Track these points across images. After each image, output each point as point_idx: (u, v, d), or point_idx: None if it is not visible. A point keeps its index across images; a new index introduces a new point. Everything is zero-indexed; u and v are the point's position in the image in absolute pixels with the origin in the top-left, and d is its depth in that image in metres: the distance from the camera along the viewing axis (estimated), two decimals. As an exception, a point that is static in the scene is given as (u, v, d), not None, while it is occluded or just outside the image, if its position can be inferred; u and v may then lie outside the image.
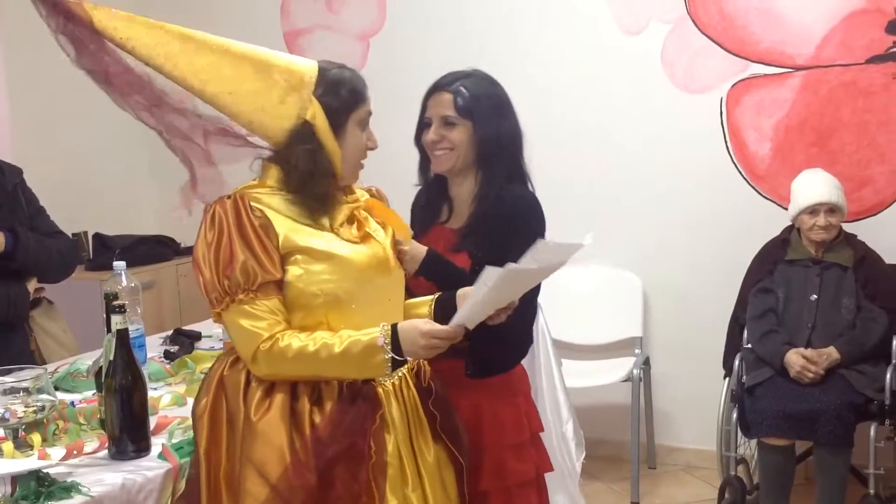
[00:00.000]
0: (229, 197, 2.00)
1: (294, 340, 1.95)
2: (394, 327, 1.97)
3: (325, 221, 2.04)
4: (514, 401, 2.45)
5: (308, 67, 2.04)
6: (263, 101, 2.01)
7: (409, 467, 2.07)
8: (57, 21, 1.96)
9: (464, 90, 2.39)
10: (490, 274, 1.92)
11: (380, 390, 2.06)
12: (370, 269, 2.06)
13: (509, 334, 2.24)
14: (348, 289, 2.01)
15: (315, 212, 2.03)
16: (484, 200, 2.40)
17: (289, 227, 1.99)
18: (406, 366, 2.14)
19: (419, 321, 2.00)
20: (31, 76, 4.66)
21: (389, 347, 1.95)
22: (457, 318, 1.98)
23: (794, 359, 3.56)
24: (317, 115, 2.01)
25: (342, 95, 2.04)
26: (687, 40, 4.19)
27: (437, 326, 1.97)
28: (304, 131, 2.01)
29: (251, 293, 1.94)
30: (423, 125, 2.46)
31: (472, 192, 2.45)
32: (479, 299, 1.96)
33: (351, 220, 2.09)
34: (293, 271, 1.98)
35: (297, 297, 1.99)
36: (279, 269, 1.97)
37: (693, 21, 4.17)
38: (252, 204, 1.98)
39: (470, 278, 2.11)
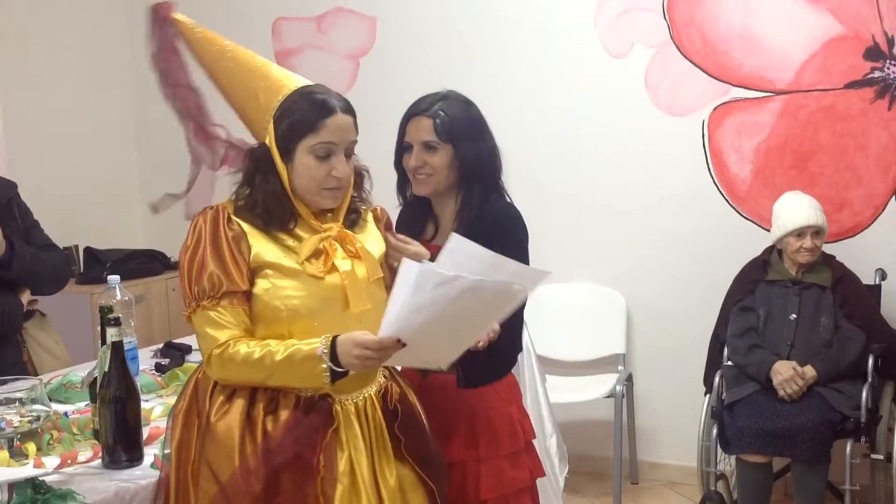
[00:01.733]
0: (212, 208, 2.10)
1: (242, 347, 2.01)
2: (334, 338, 1.97)
3: (291, 242, 2.09)
4: (507, 410, 2.51)
5: (284, 90, 2.11)
6: (257, 120, 2.13)
7: (367, 488, 2.05)
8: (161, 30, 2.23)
9: (443, 114, 2.45)
10: (408, 270, 1.83)
11: (338, 408, 2.08)
12: (333, 296, 2.08)
13: (496, 346, 2.30)
14: (311, 307, 2.06)
15: (272, 228, 2.08)
16: (467, 217, 2.47)
17: (263, 243, 2.07)
18: (373, 388, 2.17)
19: (358, 332, 1.96)
20: (25, 96, 4.72)
21: (328, 357, 1.96)
22: (384, 329, 1.91)
23: (785, 368, 3.62)
24: (270, 137, 2.08)
25: (291, 122, 2.07)
26: (670, 64, 4.28)
27: (369, 337, 1.93)
28: (261, 152, 2.10)
29: (214, 300, 2.02)
30: (402, 149, 2.52)
31: (455, 210, 2.52)
32: (404, 305, 1.86)
33: (318, 252, 2.09)
34: (262, 284, 2.05)
35: (262, 309, 2.06)
36: (246, 281, 2.04)
37: (676, 46, 4.26)
38: (232, 217, 2.07)
39: None
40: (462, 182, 2.49)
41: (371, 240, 2.23)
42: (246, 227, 2.08)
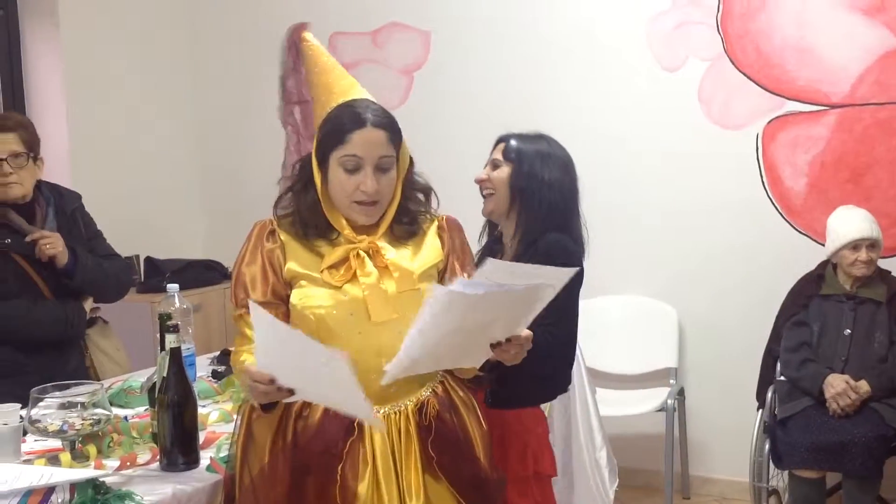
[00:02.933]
0: (263, 221, 2.18)
1: (245, 355, 2.06)
2: None
3: (325, 249, 2.12)
4: (522, 437, 2.53)
5: (333, 103, 2.15)
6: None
7: (390, 500, 2.03)
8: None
9: (513, 140, 2.63)
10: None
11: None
12: (357, 307, 2.07)
13: (537, 373, 2.29)
14: (337, 316, 2.06)
15: (311, 237, 2.13)
16: (521, 244, 2.56)
17: (300, 253, 2.12)
18: (412, 401, 2.11)
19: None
20: (91, 111, 4.86)
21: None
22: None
23: (838, 381, 3.60)
24: (313, 148, 2.15)
25: (325, 132, 2.12)
26: (724, 77, 4.27)
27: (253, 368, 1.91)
28: (306, 162, 2.18)
29: (243, 308, 2.09)
30: None
31: (512, 235, 2.62)
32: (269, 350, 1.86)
33: (344, 261, 2.10)
34: (296, 294, 2.10)
35: (297, 317, 2.10)
36: (269, 293, 2.10)
37: (730, 59, 4.25)
38: (277, 229, 2.14)
39: None
40: (517, 204, 2.60)
41: (421, 252, 2.19)
42: (286, 238, 2.14)
